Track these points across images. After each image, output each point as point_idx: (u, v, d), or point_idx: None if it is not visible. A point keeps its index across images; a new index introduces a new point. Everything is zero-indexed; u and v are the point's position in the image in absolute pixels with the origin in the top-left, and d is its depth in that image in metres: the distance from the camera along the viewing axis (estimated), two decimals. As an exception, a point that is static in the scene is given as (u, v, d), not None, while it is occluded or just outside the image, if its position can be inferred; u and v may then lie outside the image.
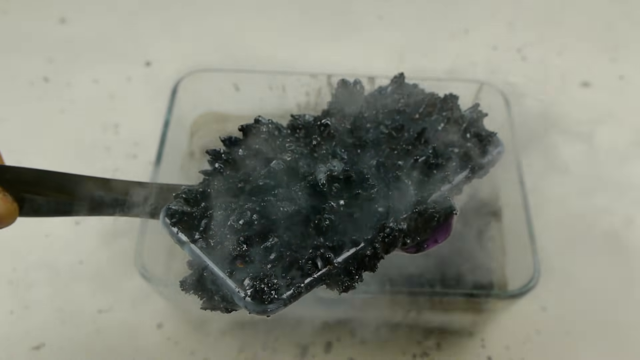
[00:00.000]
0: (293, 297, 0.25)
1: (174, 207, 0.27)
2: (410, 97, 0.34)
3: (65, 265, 0.50)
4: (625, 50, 0.70)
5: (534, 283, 0.39)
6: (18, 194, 0.26)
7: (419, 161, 0.29)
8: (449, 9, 0.74)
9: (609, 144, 0.60)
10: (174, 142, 0.49)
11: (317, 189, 0.27)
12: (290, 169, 0.28)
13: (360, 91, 0.34)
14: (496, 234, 0.49)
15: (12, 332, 0.46)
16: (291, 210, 0.26)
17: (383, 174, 0.29)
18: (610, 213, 0.55)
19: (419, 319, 0.45)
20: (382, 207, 0.28)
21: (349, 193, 0.27)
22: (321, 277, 0.26)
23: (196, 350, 0.46)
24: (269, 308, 0.24)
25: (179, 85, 0.50)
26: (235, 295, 0.25)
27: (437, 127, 0.32)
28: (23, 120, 0.61)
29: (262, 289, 0.24)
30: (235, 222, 0.26)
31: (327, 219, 0.26)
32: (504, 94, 0.50)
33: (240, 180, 0.28)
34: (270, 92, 0.53)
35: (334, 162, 0.28)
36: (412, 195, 0.28)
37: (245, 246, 0.25)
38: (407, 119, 0.33)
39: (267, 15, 0.73)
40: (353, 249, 0.27)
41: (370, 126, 0.32)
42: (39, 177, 0.27)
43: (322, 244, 0.26)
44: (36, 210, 0.27)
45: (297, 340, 0.46)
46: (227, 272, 0.25)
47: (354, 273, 0.26)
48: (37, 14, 0.72)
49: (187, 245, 0.27)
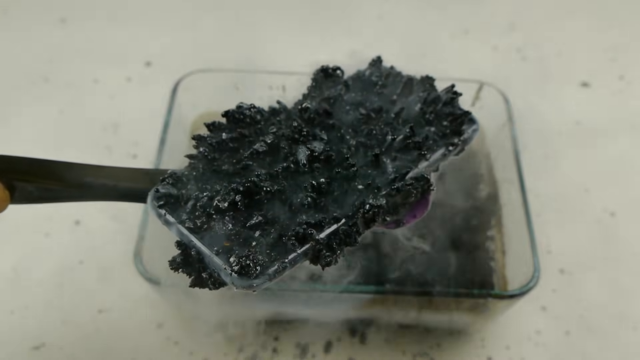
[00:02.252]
0: (277, 272, 0.26)
1: (161, 189, 0.28)
2: (387, 79, 0.35)
3: (65, 265, 0.50)
4: (625, 50, 0.70)
5: (534, 283, 0.39)
6: (9, 181, 0.27)
7: (397, 140, 0.30)
8: (449, 9, 0.74)
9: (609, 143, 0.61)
10: (174, 142, 0.49)
11: (298, 168, 0.29)
12: (272, 151, 0.29)
13: (339, 75, 0.35)
14: (496, 234, 0.49)
15: (12, 332, 0.46)
16: (274, 189, 0.27)
17: (362, 153, 0.31)
18: (611, 213, 0.55)
19: (419, 319, 0.45)
20: (361, 184, 0.29)
21: (330, 172, 0.29)
22: (304, 253, 0.27)
23: (196, 350, 0.46)
24: (255, 283, 0.25)
25: (179, 85, 0.50)
26: (222, 272, 0.26)
27: (414, 107, 0.33)
28: (23, 120, 0.61)
29: (248, 265, 0.25)
30: (220, 202, 0.27)
31: (308, 197, 0.27)
32: (504, 94, 0.50)
33: (224, 163, 0.29)
34: (270, 92, 0.53)
35: (315, 143, 0.30)
36: (391, 173, 0.30)
37: (230, 225, 0.26)
38: (385, 100, 0.34)
39: (267, 15, 0.73)
40: (334, 225, 0.28)
41: (350, 108, 0.33)
42: (29, 164, 0.28)
43: (305, 221, 0.27)
44: (27, 198, 0.28)
45: (297, 340, 0.46)
46: (214, 251, 0.26)
47: (335, 248, 0.27)
48: (37, 14, 0.72)
49: (175, 226, 0.27)
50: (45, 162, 0.28)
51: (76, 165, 0.29)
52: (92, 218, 0.53)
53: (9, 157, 0.27)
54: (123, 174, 0.30)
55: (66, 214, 0.53)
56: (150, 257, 0.40)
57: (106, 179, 0.29)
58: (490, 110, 0.52)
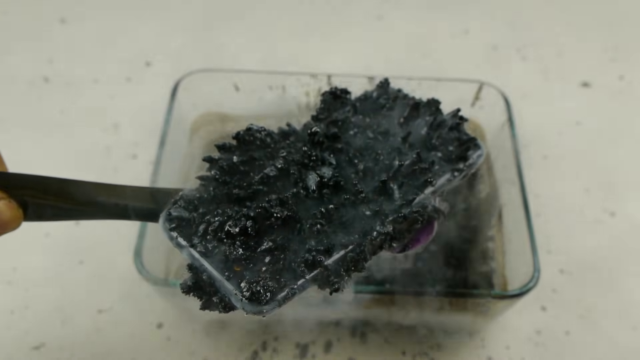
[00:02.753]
0: (287, 298, 0.26)
1: (173, 212, 0.29)
2: (395, 101, 0.36)
3: (65, 265, 0.50)
4: (625, 50, 0.70)
5: (534, 283, 0.39)
6: (22, 199, 0.27)
7: (404, 165, 0.31)
8: (449, 9, 0.74)
9: (609, 143, 0.61)
10: (174, 142, 0.49)
11: (308, 194, 0.29)
12: (283, 175, 0.30)
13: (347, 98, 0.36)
14: (496, 234, 0.49)
15: (12, 332, 0.46)
16: (284, 215, 0.28)
17: (370, 178, 0.31)
18: (611, 213, 0.55)
19: (419, 319, 0.45)
20: (369, 210, 0.29)
21: (338, 198, 0.29)
22: (313, 278, 0.27)
23: (196, 350, 0.46)
24: (265, 309, 0.25)
25: (179, 85, 0.50)
26: (233, 297, 0.26)
27: (420, 131, 0.34)
28: (23, 120, 0.61)
29: (258, 291, 0.25)
30: (231, 227, 0.27)
31: (317, 224, 0.28)
32: (504, 94, 0.50)
33: (235, 187, 0.29)
34: (270, 92, 0.53)
35: (324, 169, 0.30)
36: (398, 199, 0.30)
37: (241, 250, 0.27)
38: (392, 123, 0.34)
39: (267, 15, 0.73)
40: (342, 251, 0.28)
41: (357, 131, 0.34)
42: (41, 183, 0.28)
43: (314, 247, 0.27)
44: (39, 216, 0.28)
45: (297, 340, 0.46)
46: (225, 275, 0.26)
47: (343, 274, 0.28)
48: (37, 14, 0.72)
49: (186, 250, 0.28)
50: (57, 180, 0.28)
51: (88, 184, 0.29)
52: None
53: (22, 176, 0.27)
54: (134, 194, 0.30)
55: (66, 214, 0.53)
56: (150, 257, 0.40)
57: (118, 198, 0.30)
58: (490, 110, 0.52)
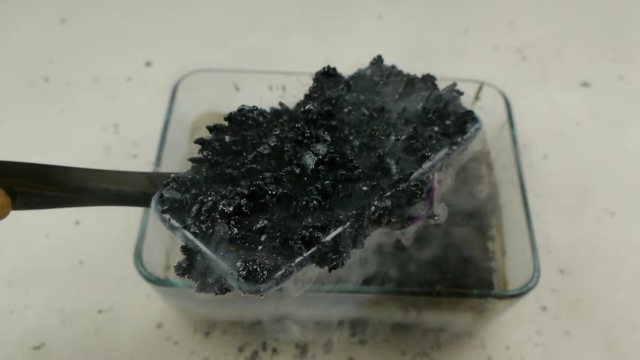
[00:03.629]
0: (284, 276, 0.26)
1: (165, 194, 0.28)
2: (389, 78, 0.35)
3: (65, 265, 0.50)
4: (625, 50, 0.70)
5: (534, 283, 0.39)
6: (9, 188, 0.26)
7: (400, 140, 0.30)
8: (449, 9, 0.74)
9: (609, 143, 0.61)
10: (174, 142, 0.49)
11: (304, 172, 0.28)
12: (276, 153, 0.29)
13: (340, 76, 0.35)
14: (496, 234, 0.49)
15: (12, 332, 0.46)
16: (279, 192, 0.27)
17: (366, 154, 0.30)
18: (611, 213, 0.55)
19: (419, 319, 0.45)
20: (366, 186, 0.29)
21: (334, 174, 0.29)
22: (311, 256, 0.27)
23: (196, 350, 0.46)
24: (262, 288, 0.25)
25: (179, 85, 0.50)
26: (229, 277, 0.25)
27: (416, 106, 0.33)
28: (23, 120, 0.61)
29: (255, 269, 0.25)
30: (225, 206, 0.26)
31: (314, 200, 0.27)
32: (504, 94, 0.50)
33: (228, 166, 0.29)
34: (270, 92, 0.53)
35: (318, 146, 0.29)
36: (395, 174, 0.30)
37: (236, 229, 0.26)
38: (387, 99, 0.34)
39: (267, 15, 0.73)
40: (340, 227, 0.27)
41: (352, 108, 0.33)
42: (29, 170, 0.27)
43: (310, 224, 0.27)
44: (28, 204, 0.28)
45: (297, 340, 0.46)
46: (220, 255, 0.26)
47: (341, 250, 0.27)
48: (37, 14, 0.72)
49: (180, 231, 0.27)
50: (45, 167, 0.28)
51: (76, 169, 0.28)
52: (92, 218, 0.53)
53: (8, 163, 0.27)
54: (125, 178, 0.30)
55: (66, 214, 0.53)
56: (150, 257, 0.40)
57: (108, 183, 0.29)
58: (490, 110, 0.52)
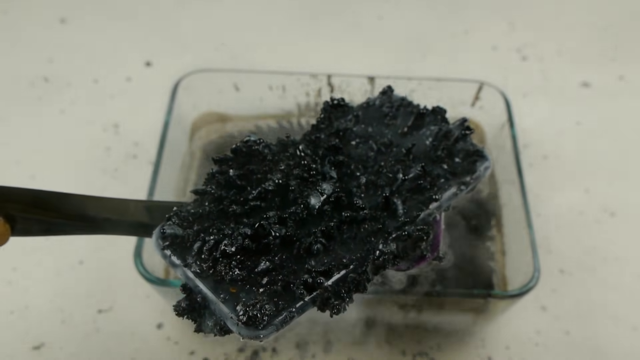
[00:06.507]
0: (285, 322, 0.25)
1: (167, 230, 0.27)
2: (398, 109, 0.34)
3: (65, 265, 0.50)
4: (625, 50, 0.70)
5: (534, 283, 0.39)
6: (9, 214, 0.26)
7: (408, 179, 0.30)
8: (449, 9, 0.74)
9: (609, 143, 0.61)
10: (174, 142, 0.49)
11: (308, 211, 0.28)
12: (281, 190, 0.28)
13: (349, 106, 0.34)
14: (496, 234, 0.49)
15: (12, 332, 0.46)
16: (283, 234, 0.26)
17: (372, 192, 0.29)
18: (611, 213, 0.55)
19: (419, 319, 0.45)
20: (371, 227, 0.28)
21: (339, 215, 0.28)
22: (312, 300, 0.26)
23: (196, 350, 0.46)
24: (262, 334, 0.24)
25: (179, 85, 0.50)
26: (229, 321, 0.25)
27: (425, 141, 0.32)
28: (23, 120, 0.61)
29: (255, 315, 0.24)
30: (227, 246, 0.26)
31: (318, 243, 0.27)
32: (504, 94, 0.50)
33: (231, 202, 0.28)
34: (270, 92, 0.53)
35: (324, 185, 0.29)
36: (401, 215, 0.29)
37: (237, 270, 0.26)
38: (395, 133, 0.33)
39: (267, 15, 0.73)
40: (343, 271, 0.27)
41: (360, 141, 0.32)
42: (29, 196, 0.27)
43: (313, 268, 0.26)
44: (28, 231, 0.27)
45: (297, 340, 0.46)
46: (220, 297, 0.25)
47: (344, 295, 0.27)
48: (37, 14, 0.72)
49: (180, 269, 0.27)
50: (45, 193, 0.27)
51: (76, 196, 0.28)
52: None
53: (8, 189, 0.26)
54: (126, 207, 0.29)
55: (66, 214, 0.53)
56: (150, 257, 0.40)
57: (110, 212, 0.29)
58: (490, 110, 0.52)
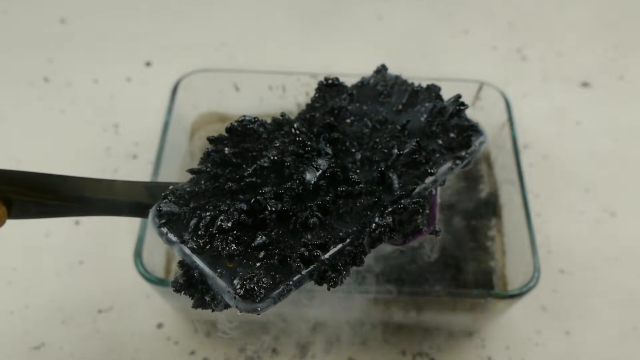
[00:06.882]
0: (282, 295, 0.25)
1: (163, 207, 0.28)
2: (392, 88, 0.34)
3: (65, 265, 0.50)
4: (625, 50, 0.70)
5: (534, 283, 0.39)
6: (5, 196, 0.26)
7: (403, 154, 0.30)
8: (449, 9, 0.74)
9: (609, 143, 0.61)
10: (174, 142, 0.49)
11: (304, 187, 0.28)
12: (276, 167, 0.28)
13: (343, 85, 0.34)
14: (496, 234, 0.49)
15: (12, 332, 0.46)
16: (279, 208, 0.27)
17: (368, 167, 0.30)
18: (611, 213, 0.55)
19: (419, 319, 0.45)
20: (367, 202, 0.28)
21: (335, 190, 0.28)
22: (309, 273, 0.26)
23: (196, 350, 0.46)
24: (259, 307, 0.24)
25: (179, 85, 0.50)
26: (226, 295, 0.25)
27: (420, 118, 0.32)
28: (23, 120, 0.61)
29: (252, 288, 0.24)
30: (224, 222, 0.26)
31: (314, 217, 0.27)
32: (504, 94, 0.50)
33: (227, 179, 0.28)
34: (270, 92, 0.53)
35: (320, 160, 0.29)
36: (397, 189, 0.29)
37: (234, 245, 0.26)
38: (390, 110, 0.33)
39: (267, 15, 0.73)
40: (340, 244, 0.27)
41: (354, 119, 0.32)
42: (25, 178, 0.27)
43: (310, 241, 0.26)
44: (24, 212, 0.27)
45: (297, 340, 0.46)
46: (217, 272, 0.25)
47: (341, 268, 0.27)
48: (37, 14, 0.72)
49: (177, 246, 0.27)
50: (42, 175, 0.27)
51: (73, 178, 0.28)
52: (92, 218, 0.53)
53: (3, 171, 0.26)
54: (123, 188, 0.29)
55: (66, 214, 0.53)
56: (150, 257, 0.40)
57: (105, 193, 0.29)
58: (490, 110, 0.52)
